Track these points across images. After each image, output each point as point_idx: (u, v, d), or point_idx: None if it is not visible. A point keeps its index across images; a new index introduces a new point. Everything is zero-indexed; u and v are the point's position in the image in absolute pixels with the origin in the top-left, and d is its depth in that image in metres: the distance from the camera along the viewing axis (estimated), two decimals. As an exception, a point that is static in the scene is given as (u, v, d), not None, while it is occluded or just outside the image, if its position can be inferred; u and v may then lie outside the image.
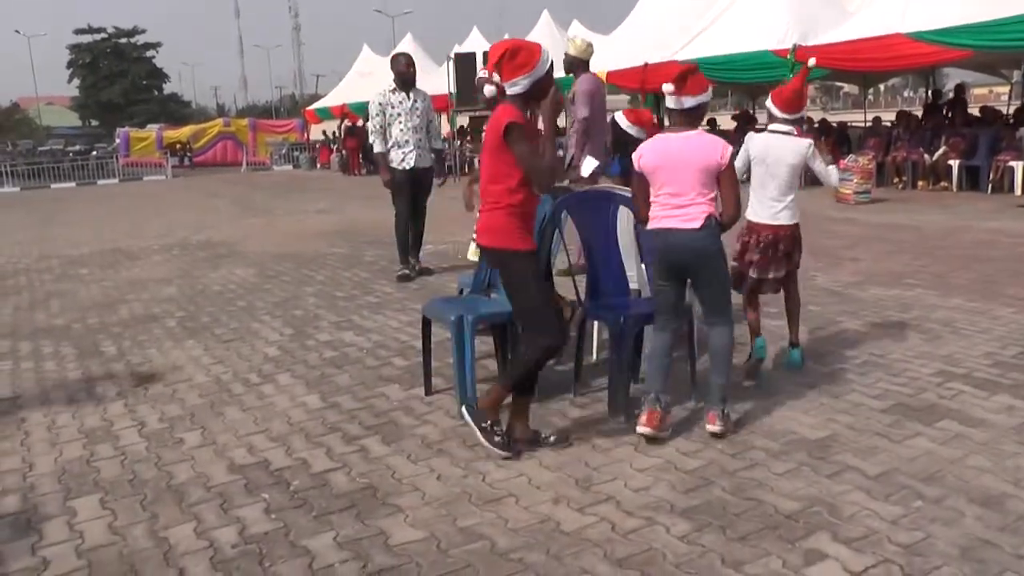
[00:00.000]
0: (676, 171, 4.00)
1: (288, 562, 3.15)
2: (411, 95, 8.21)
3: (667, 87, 4.03)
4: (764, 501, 3.44)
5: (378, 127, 8.25)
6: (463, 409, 4.03)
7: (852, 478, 3.62)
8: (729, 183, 4.00)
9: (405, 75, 8.24)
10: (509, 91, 3.80)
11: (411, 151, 8.22)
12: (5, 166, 30.63)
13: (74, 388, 5.46)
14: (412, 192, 8.44)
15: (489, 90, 3.81)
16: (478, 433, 3.93)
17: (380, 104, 8.23)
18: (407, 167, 8.24)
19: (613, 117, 5.48)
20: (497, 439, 3.93)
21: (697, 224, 3.95)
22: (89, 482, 3.96)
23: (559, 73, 5.26)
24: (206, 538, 3.37)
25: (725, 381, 4.18)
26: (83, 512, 3.65)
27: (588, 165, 6.30)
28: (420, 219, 8.69)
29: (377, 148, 8.30)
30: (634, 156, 4.17)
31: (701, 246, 3.97)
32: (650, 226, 4.15)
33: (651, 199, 4.13)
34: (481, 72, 3.85)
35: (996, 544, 3.05)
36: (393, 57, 8.38)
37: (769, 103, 5.03)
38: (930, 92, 19.52)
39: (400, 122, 8.20)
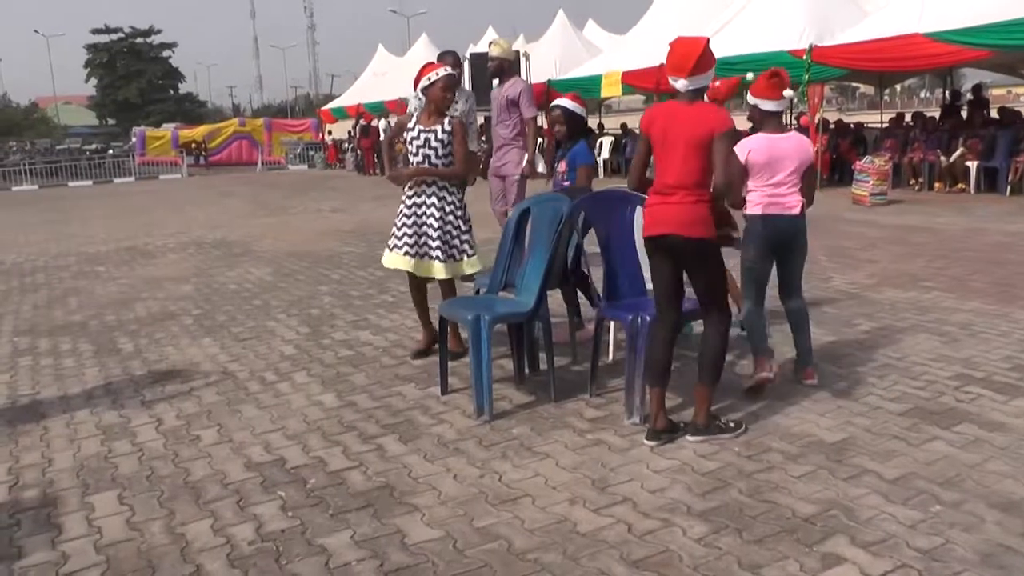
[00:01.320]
0: (780, 165, 4.59)
1: (305, 560, 3.16)
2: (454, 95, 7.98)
3: (788, 92, 4.67)
4: (781, 504, 3.43)
5: None
6: (690, 438, 4.09)
7: (869, 481, 3.60)
8: (812, 176, 4.73)
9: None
10: (695, 88, 3.95)
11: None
12: (24, 164, 30.90)
13: (92, 385, 5.49)
14: None
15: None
16: (720, 437, 4.10)
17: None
18: None
19: (561, 106, 5.69)
20: (731, 426, 4.19)
21: (797, 211, 4.61)
22: (107, 478, 3.98)
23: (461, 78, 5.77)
24: (223, 535, 3.38)
25: (810, 344, 4.89)
26: (101, 508, 3.67)
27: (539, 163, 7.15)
28: None
29: None
30: (738, 149, 4.49)
31: (801, 228, 4.66)
32: (753, 212, 4.68)
33: (749, 189, 4.68)
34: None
35: (1018, 551, 3.03)
36: (440, 55, 8.19)
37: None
38: (947, 93, 19.40)
39: None
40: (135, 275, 9.65)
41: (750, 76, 5.03)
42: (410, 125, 5.49)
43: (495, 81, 8.04)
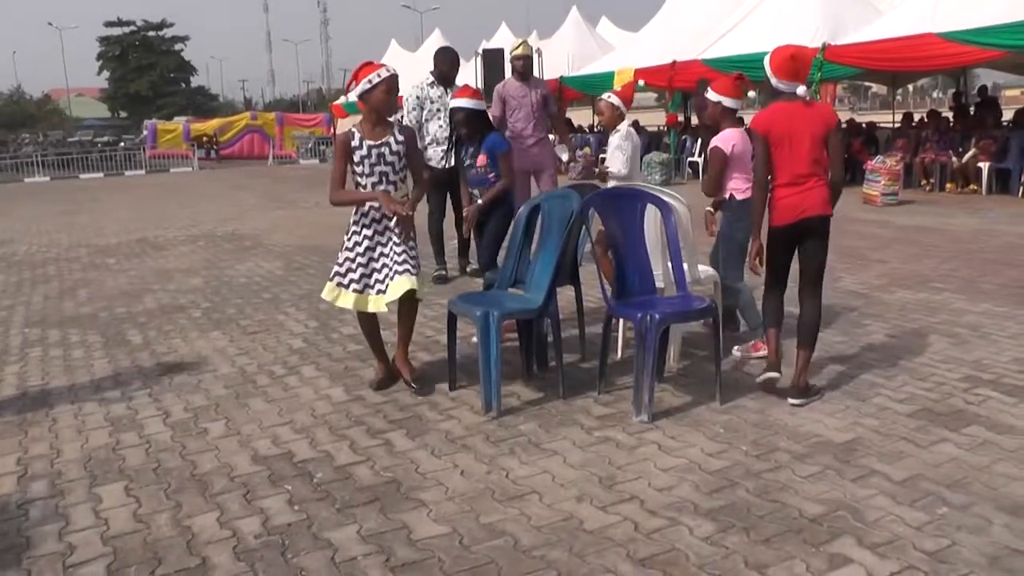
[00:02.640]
0: (750, 155, 5.02)
1: (311, 554, 3.17)
2: (450, 91, 7.46)
3: (751, 94, 4.87)
4: (788, 504, 3.42)
5: (414, 122, 7.75)
6: (792, 401, 4.50)
7: (877, 482, 3.59)
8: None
9: (448, 73, 7.80)
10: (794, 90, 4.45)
11: (450, 149, 7.76)
12: (36, 156, 31.02)
13: (100, 376, 5.51)
14: (449, 192, 7.91)
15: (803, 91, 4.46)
16: (812, 400, 4.54)
17: (418, 98, 7.77)
18: (446, 166, 7.43)
19: (462, 107, 5.45)
20: (820, 392, 4.64)
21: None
22: (114, 469, 4.00)
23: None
24: (229, 528, 3.39)
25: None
26: (108, 499, 3.69)
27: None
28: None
29: None
30: (723, 145, 5.20)
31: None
32: (745, 196, 5.09)
33: (734, 177, 5.22)
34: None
35: (1025, 553, 3.01)
36: (439, 50, 7.98)
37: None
38: (952, 95, 19.33)
39: (439, 118, 7.70)
40: (145, 267, 9.68)
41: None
42: (353, 143, 4.79)
43: (510, 78, 8.00)
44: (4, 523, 3.51)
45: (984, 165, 14.15)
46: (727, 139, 5.24)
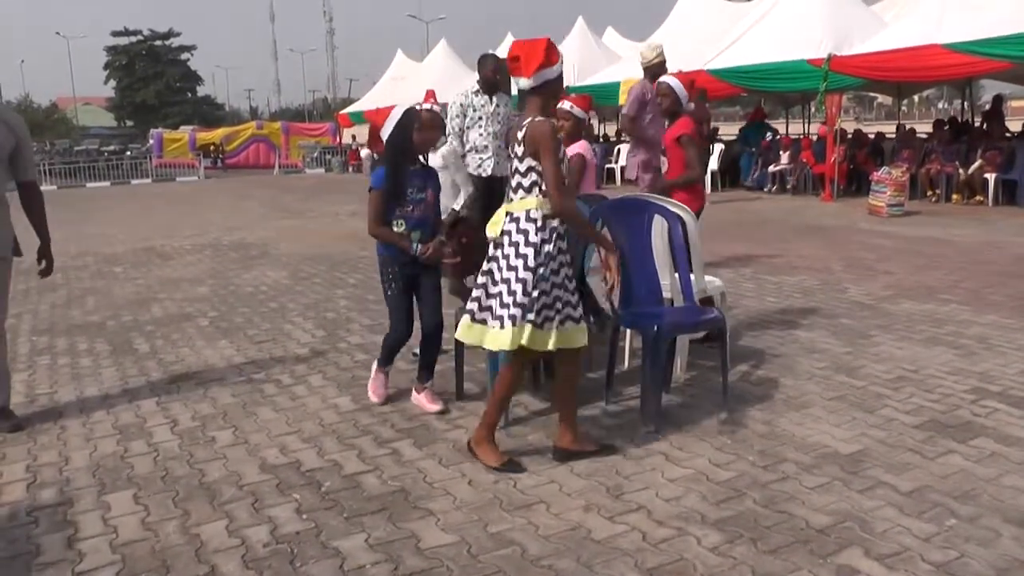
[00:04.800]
0: None
1: (319, 562, 3.17)
2: (494, 99, 7.46)
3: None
4: (795, 515, 3.42)
5: (456, 129, 7.61)
6: None
7: (884, 494, 3.59)
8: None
9: (491, 80, 7.53)
10: None
11: (489, 157, 7.46)
12: (43, 165, 31.05)
13: (108, 384, 5.52)
14: (487, 202, 7.45)
15: None
16: None
17: (462, 106, 7.61)
18: (484, 174, 7.41)
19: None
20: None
21: None
22: (123, 478, 4.01)
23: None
24: (238, 536, 3.40)
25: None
26: (117, 507, 3.70)
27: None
28: None
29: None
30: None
31: None
32: None
33: None
34: None
35: (1034, 565, 3.01)
36: (481, 58, 7.95)
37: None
38: (963, 103, 19.30)
39: (480, 126, 7.55)
40: (152, 276, 9.71)
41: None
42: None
43: (645, 79, 7.88)
44: (14, 530, 3.53)
45: (990, 176, 14.14)
46: (586, 148, 5.61)
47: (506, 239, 3.81)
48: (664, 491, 3.66)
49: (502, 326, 3.76)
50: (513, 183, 3.86)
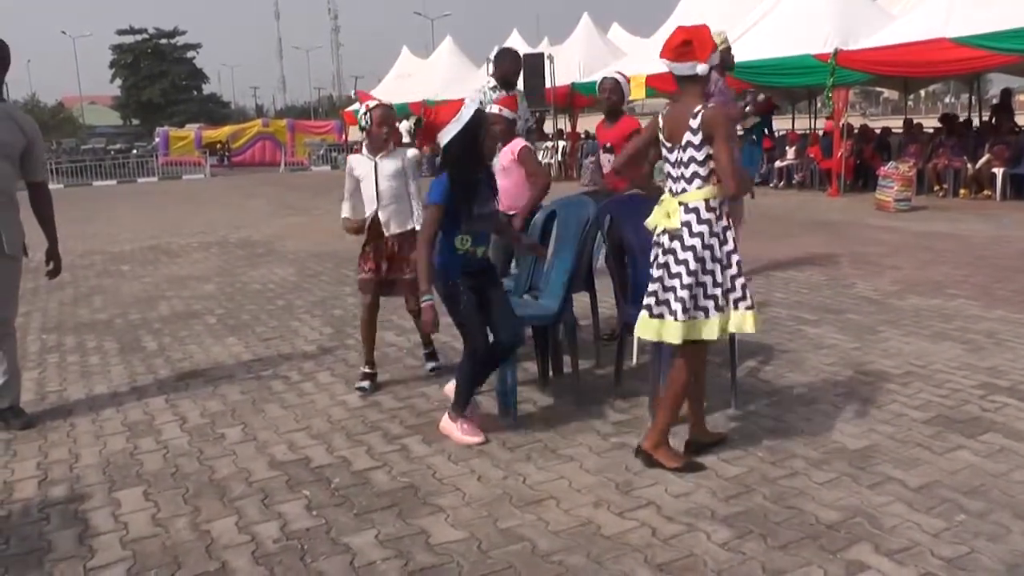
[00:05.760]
0: None
1: (330, 559, 3.18)
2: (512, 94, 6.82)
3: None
4: (805, 510, 3.42)
5: None
6: None
7: (893, 489, 3.58)
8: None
9: (511, 77, 7.06)
10: None
11: None
12: (50, 164, 31.13)
13: (117, 382, 5.54)
14: None
15: None
16: None
17: (480, 103, 7.57)
18: None
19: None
20: None
21: None
22: (133, 474, 4.02)
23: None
24: (248, 532, 3.41)
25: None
26: (127, 503, 3.71)
27: None
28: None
29: None
30: None
31: None
32: None
33: None
34: None
35: (1044, 560, 3.00)
36: (498, 53, 7.77)
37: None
38: (973, 98, 19.18)
39: None
40: (159, 274, 9.74)
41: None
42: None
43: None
44: (26, 527, 3.54)
45: (998, 171, 14.09)
46: (524, 144, 5.47)
47: (686, 231, 3.68)
48: (673, 487, 3.66)
49: (676, 318, 3.70)
50: (684, 172, 3.70)
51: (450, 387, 4.66)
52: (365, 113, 5.09)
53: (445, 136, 4.18)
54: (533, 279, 5.18)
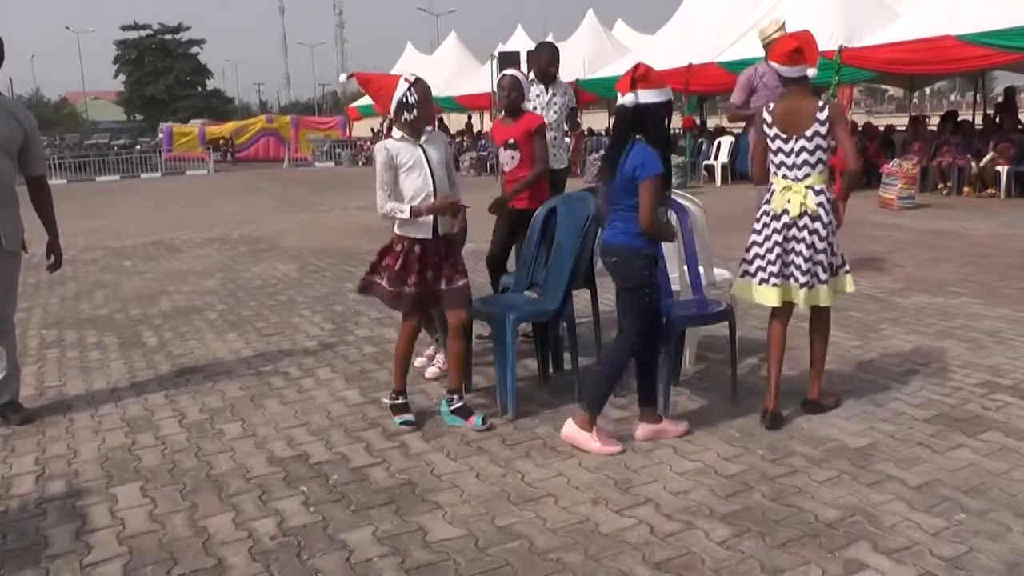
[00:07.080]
0: None
1: (327, 555, 3.17)
2: (550, 89, 6.92)
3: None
4: (804, 508, 3.40)
5: None
6: None
7: (893, 488, 3.57)
8: None
9: (547, 70, 7.06)
10: None
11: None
12: (53, 159, 31.17)
13: (117, 377, 5.54)
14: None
15: None
16: None
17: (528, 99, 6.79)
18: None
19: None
20: None
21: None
22: (131, 470, 4.02)
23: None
24: (245, 529, 3.40)
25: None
26: (124, 499, 3.71)
27: None
28: None
29: None
30: None
31: None
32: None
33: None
34: None
35: (1044, 559, 2.99)
36: (537, 47, 7.58)
37: None
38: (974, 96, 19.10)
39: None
40: (161, 269, 9.74)
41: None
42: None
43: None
44: (23, 522, 3.54)
45: (1002, 169, 14.05)
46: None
47: (822, 211, 4.16)
48: (672, 484, 3.65)
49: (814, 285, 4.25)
50: (809, 159, 4.16)
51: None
52: (408, 89, 4.25)
53: (646, 97, 3.97)
54: (534, 276, 5.16)
